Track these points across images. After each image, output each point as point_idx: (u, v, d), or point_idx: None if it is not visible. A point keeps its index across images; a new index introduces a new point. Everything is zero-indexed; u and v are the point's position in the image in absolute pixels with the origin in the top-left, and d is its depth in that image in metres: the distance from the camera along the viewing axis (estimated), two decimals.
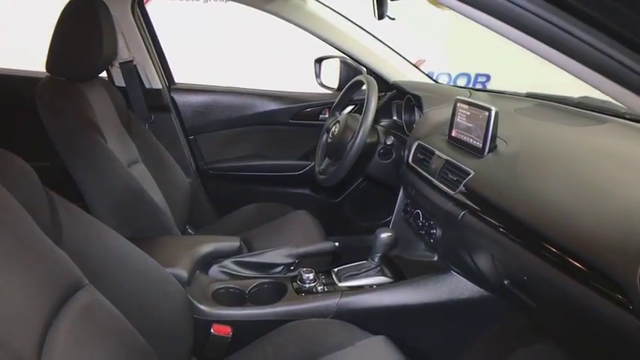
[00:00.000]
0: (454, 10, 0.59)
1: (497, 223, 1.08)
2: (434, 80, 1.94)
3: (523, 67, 2.43)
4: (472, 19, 0.58)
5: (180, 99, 2.03)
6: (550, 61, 0.53)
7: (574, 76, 0.54)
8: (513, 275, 1.08)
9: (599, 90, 0.53)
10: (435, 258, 1.46)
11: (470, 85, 4.09)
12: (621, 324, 0.77)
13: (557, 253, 0.91)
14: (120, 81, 1.89)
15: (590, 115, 1.32)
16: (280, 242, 1.53)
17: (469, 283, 1.32)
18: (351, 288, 1.36)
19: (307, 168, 2.10)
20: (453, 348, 1.40)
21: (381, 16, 1.20)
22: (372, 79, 1.61)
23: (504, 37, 0.56)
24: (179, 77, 2.12)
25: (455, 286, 1.33)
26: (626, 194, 0.86)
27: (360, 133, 1.49)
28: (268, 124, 2.13)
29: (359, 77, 1.70)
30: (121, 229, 1.03)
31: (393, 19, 1.33)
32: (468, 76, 4.03)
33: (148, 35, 1.93)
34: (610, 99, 0.68)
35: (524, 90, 1.64)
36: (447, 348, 1.39)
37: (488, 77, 4.00)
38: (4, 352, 0.62)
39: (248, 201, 1.99)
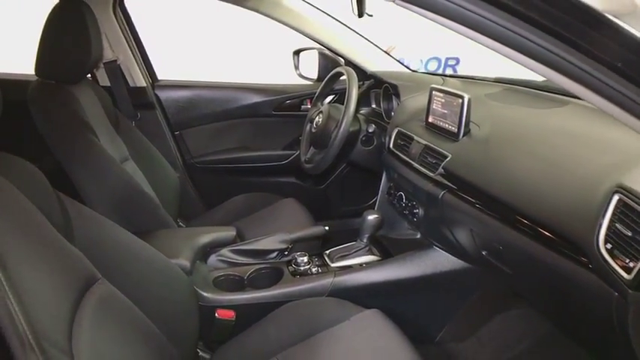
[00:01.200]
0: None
1: (473, 200, 1.19)
2: (408, 68, 2.03)
3: (489, 50, 2.53)
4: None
5: (164, 95, 2.07)
6: (496, 51, 0.61)
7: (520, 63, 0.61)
8: (490, 246, 1.20)
9: (546, 78, 0.62)
10: (419, 235, 1.57)
11: (441, 68, 4.22)
12: (584, 282, 0.89)
13: (528, 224, 1.02)
14: (104, 81, 1.92)
15: (553, 97, 1.43)
16: (271, 230, 1.60)
17: (450, 256, 1.44)
18: (342, 268, 1.46)
19: (292, 157, 2.17)
20: (439, 316, 1.52)
21: (360, 15, 1.28)
22: (351, 70, 1.70)
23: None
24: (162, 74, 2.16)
25: (438, 260, 1.44)
26: (585, 169, 0.98)
27: (344, 122, 1.58)
28: (252, 117, 2.18)
29: (338, 69, 1.78)
30: (122, 225, 1.08)
31: (371, 15, 1.41)
32: (439, 60, 4.14)
33: (129, 34, 1.96)
34: None
35: (492, 71, 1.74)
36: (433, 316, 1.52)
37: (457, 60, 4.13)
38: (41, 337, 0.69)
39: (236, 192, 2.05)
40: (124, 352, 0.87)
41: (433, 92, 1.43)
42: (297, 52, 2.17)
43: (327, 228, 1.62)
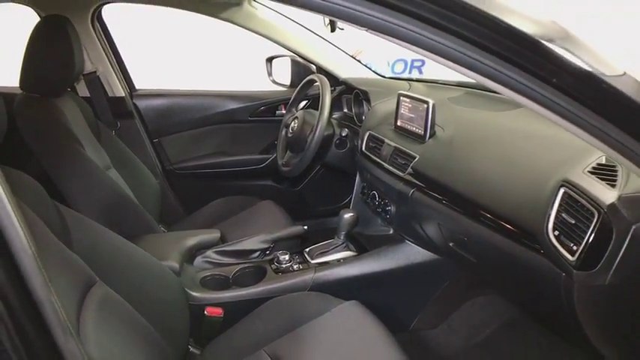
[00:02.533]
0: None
1: (440, 197, 1.30)
2: (377, 74, 2.14)
3: None
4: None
5: (143, 104, 2.12)
6: (453, 69, 0.72)
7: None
8: (456, 238, 1.31)
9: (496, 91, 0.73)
10: (391, 231, 1.68)
11: (407, 69, 4.38)
12: (537, 265, 1.01)
13: (489, 216, 1.14)
14: (83, 92, 1.96)
15: (509, 101, 1.55)
16: (252, 231, 1.68)
17: (421, 249, 1.55)
18: (322, 264, 1.56)
19: (268, 161, 2.25)
20: (412, 305, 1.63)
21: (333, 29, 1.38)
22: (324, 77, 1.79)
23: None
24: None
25: (410, 253, 1.55)
26: (536, 166, 1.10)
27: (319, 127, 1.68)
28: (228, 123, 2.24)
29: (312, 76, 1.87)
30: (112, 231, 1.14)
31: (342, 29, 1.51)
32: (405, 61, 4.29)
33: (107, 46, 2.00)
34: None
35: (453, 73, 1.85)
36: (407, 306, 1.63)
37: (423, 62, 4.28)
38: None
39: (214, 196, 2.11)
40: (125, 350, 0.93)
41: (401, 98, 1.54)
42: (269, 60, 2.25)
43: (305, 227, 1.71)
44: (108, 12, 1.99)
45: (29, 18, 1.82)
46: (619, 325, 0.96)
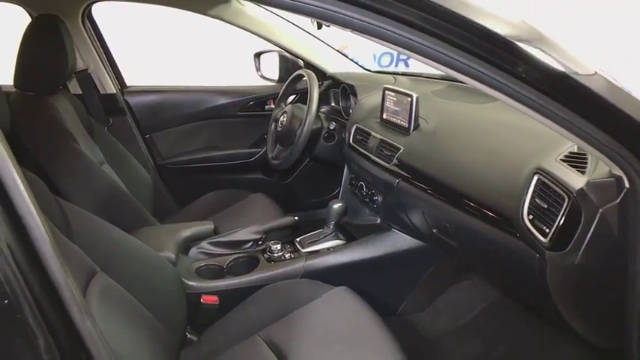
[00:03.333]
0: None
1: (424, 186, 1.37)
2: (363, 68, 2.19)
3: None
4: None
5: (134, 101, 2.15)
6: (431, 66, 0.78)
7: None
8: (439, 225, 1.38)
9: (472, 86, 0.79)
10: (378, 220, 1.74)
11: (394, 62, 4.43)
12: (513, 248, 1.08)
13: (470, 203, 1.21)
14: (75, 89, 1.99)
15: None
16: (244, 223, 1.73)
17: (407, 236, 1.62)
18: (312, 252, 1.62)
19: (258, 155, 2.29)
20: (399, 290, 1.70)
21: (319, 27, 1.43)
22: (312, 72, 1.85)
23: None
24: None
25: (396, 241, 1.62)
26: (514, 154, 1.16)
27: (307, 120, 1.73)
28: (218, 118, 2.28)
29: (300, 71, 1.92)
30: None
31: (329, 25, 1.55)
32: (391, 54, 4.34)
33: (98, 44, 2.03)
34: None
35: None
36: (394, 291, 1.69)
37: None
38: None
39: (206, 190, 2.15)
40: (128, 338, 0.97)
41: (386, 92, 1.60)
42: (257, 55, 2.28)
43: (296, 218, 1.77)
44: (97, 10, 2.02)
45: (20, 17, 1.85)
46: (588, 302, 1.03)
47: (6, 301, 0.53)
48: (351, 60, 2.19)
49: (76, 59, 1.71)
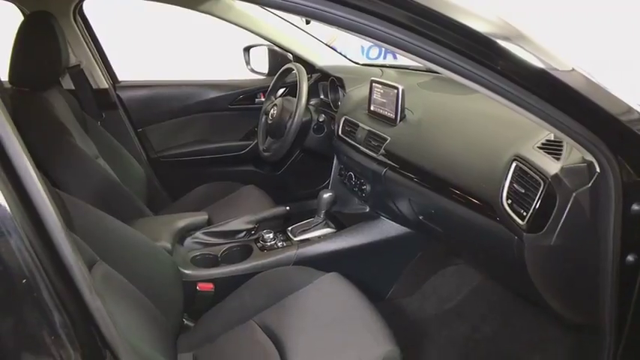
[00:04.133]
0: None
1: (410, 175, 1.42)
2: (351, 61, 2.23)
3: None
4: None
5: (126, 95, 2.17)
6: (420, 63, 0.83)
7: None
8: (425, 212, 1.44)
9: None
10: (367, 209, 1.80)
11: (382, 54, 4.48)
12: (494, 231, 1.14)
13: (453, 190, 1.27)
14: (67, 84, 2.01)
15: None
16: (237, 214, 1.77)
17: (395, 224, 1.68)
18: (304, 240, 1.67)
19: (249, 147, 2.33)
20: (388, 276, 1.76)
21: (308, 22, 1.47)
22: (301, 66, 1.89)
23: None
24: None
25: (384, 228, 1.68)
26: (494, 142, 1.21)
27: (297, 113, 1.78)
28: (209, 111, 2.31)
29: (289, 65, 1.97)
30: None
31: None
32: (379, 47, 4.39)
33: (89, 39, 2.05)
34: None
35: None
36: (383, 277, 1.75)
37: None
38: None
39: (198, 183, 2.18)
40: (131, 322, 1.00)
41: (373, 84, 1.65)
42: (247, 49, 2.31)
43: (287, 208, 1.82)
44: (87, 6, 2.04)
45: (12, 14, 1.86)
46: (563, 281, 1.10)
47: (24, 281, 0.57)
48: (340, 53, 2.24)
49: (69, 55, 1.73)
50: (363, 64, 2.23)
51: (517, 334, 1.63)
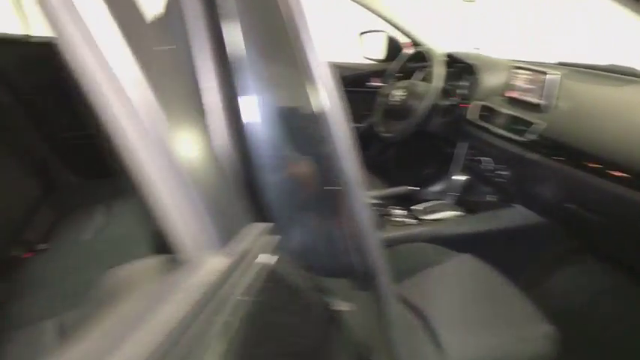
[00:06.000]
0: None
1: (565, 159, 1.38)
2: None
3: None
4: None
5: None
6: None
7: None
8: (578, 198, 1.39)
9: None
10: (498, 196, 1.76)
11: None
12: None
13: (619, 173, 1.22)
14: None
15: (618, 78, 1.62)
16: None
17: (527, 214, 1.64)
18: (434, 220, 1.66)
19: (361, 129, 2.34)
20: (515, 267, 1.71)
21: None
22: (435, 51, 1.88)
23: None
24: None
25: (517, 216, 1.64)
26: None
27: (429, 96, 1.77)
28: None
29: (420, 49, 1.96)
30: None
31: None
32: None
33: None
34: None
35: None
36: (510, 267, 1.71)
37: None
38: None
39: None
40: None
41: (514, 70, 1.62)
42: (363, 34, 2.33)
43: (409, 188, 1.82)
44: None
45: None
46: None
47: None
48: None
49: None
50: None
51: None
